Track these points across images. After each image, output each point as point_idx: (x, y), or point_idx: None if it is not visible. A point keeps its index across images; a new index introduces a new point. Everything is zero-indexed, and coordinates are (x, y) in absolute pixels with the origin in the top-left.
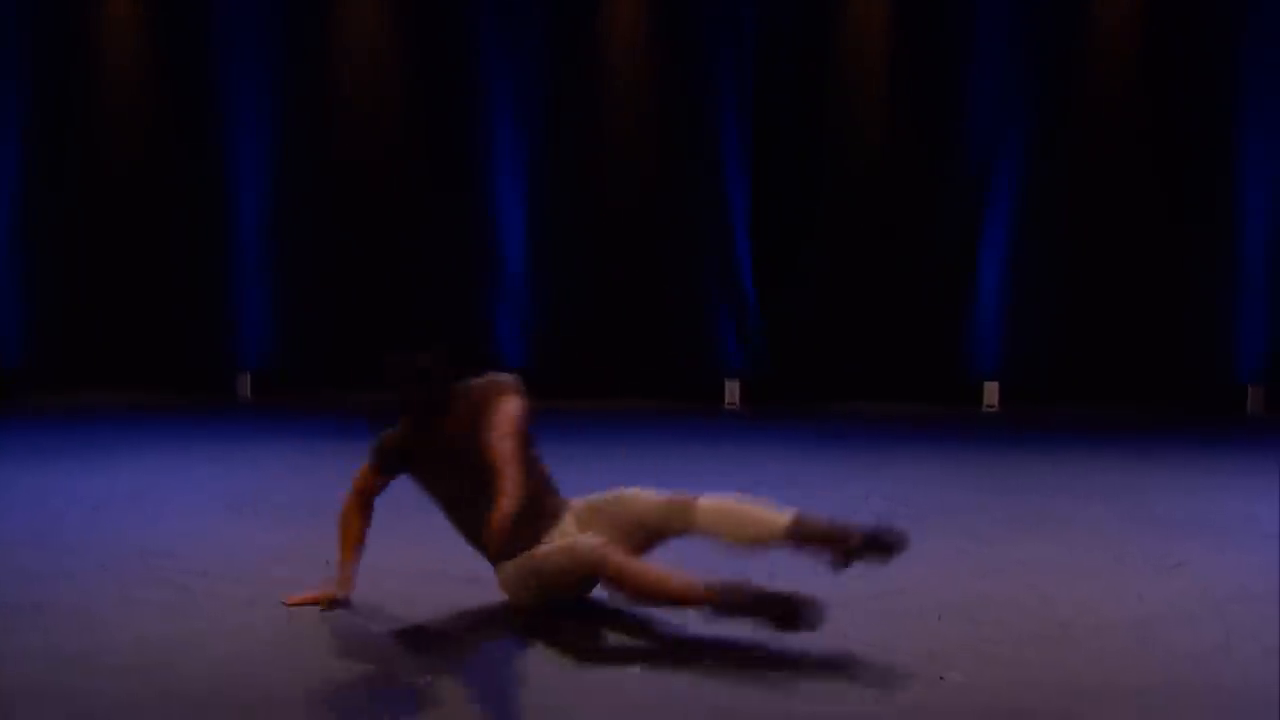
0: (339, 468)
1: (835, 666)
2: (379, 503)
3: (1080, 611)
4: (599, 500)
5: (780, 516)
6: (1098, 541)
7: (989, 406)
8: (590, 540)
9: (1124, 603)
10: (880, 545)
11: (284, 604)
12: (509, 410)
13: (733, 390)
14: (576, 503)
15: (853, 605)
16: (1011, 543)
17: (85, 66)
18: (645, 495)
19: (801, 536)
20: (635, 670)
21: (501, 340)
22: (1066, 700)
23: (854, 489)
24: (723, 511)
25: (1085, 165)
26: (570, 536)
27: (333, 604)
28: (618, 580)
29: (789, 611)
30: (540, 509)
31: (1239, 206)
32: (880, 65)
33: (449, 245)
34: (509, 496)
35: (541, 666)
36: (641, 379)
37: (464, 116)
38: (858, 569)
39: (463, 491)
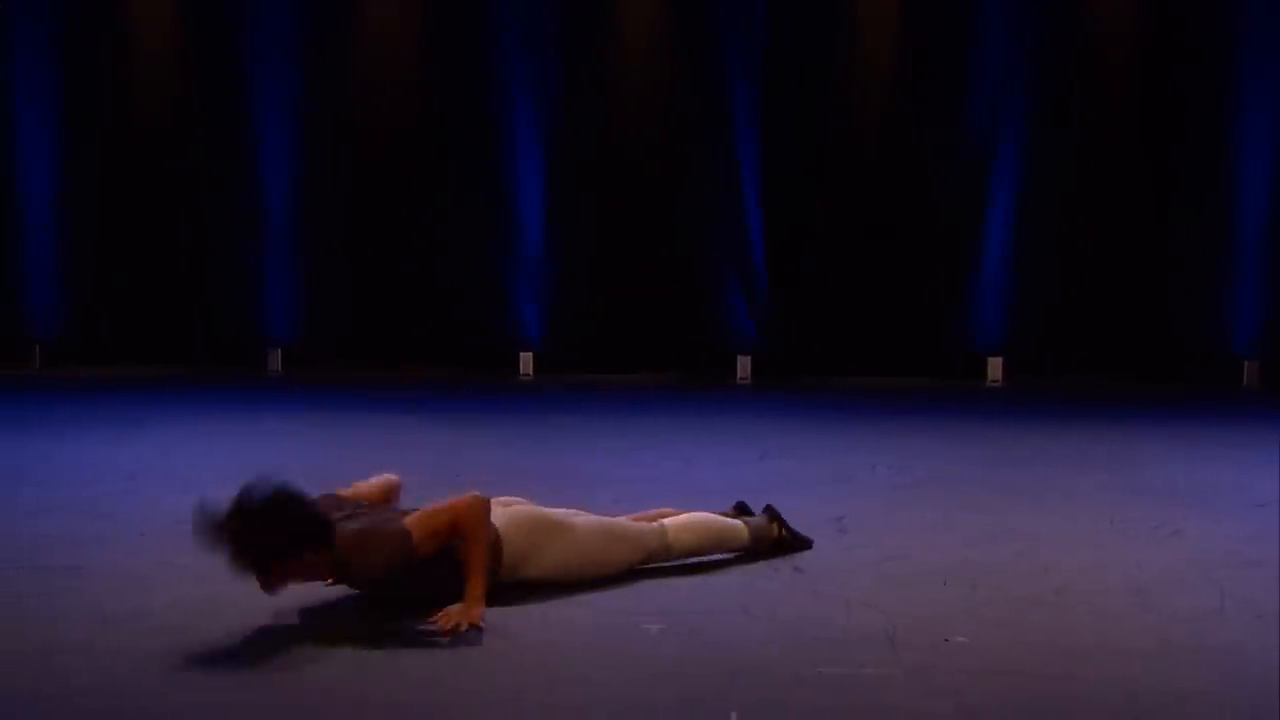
0: (365, 439)
1: (843, 629)
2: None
3: (1078, 577)
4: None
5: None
6: (1096, 510)
7: (993, 381)
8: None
9: (1121, 569)
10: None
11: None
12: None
13: (744, 365)
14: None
15: (859, 571)
16: (1012, 512)
17: (118, 48)
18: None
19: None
20: (651, 632)
21: (520, 315)
22: (1066, 662)
23: (859, 460)
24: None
25: (1086, 142)
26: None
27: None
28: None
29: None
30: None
31: (1236, 182)
32: (888, 44)
33: (470, 222)
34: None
35: (557, 630)
36: (654, 354)
37: (484, 96)
38: (859, 539)
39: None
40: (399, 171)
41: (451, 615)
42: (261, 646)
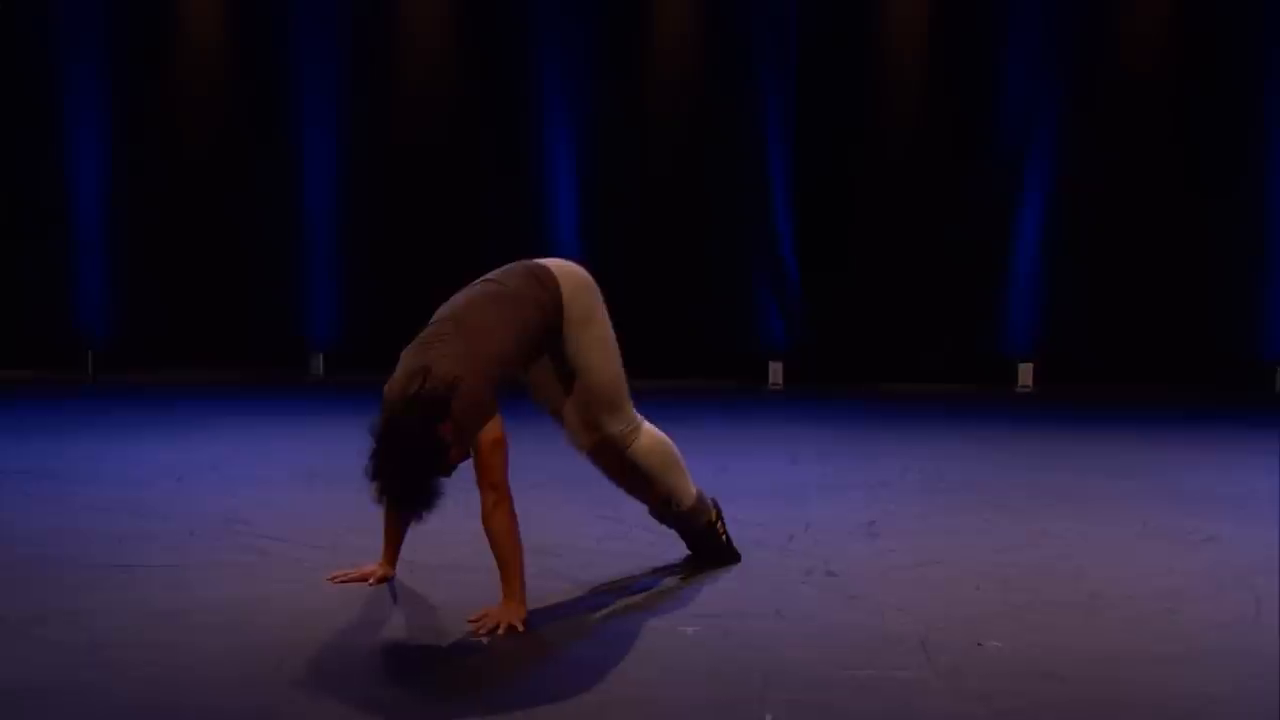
0: None
1: (876, 633)
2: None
3: (1111, 582)
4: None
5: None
6: (1128, 516)
7: (1023, 387)
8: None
9: (1154, 574)
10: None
11: (330, 580)
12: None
13: (776, 371)
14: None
15: (891, 575)
16: (1044, 517)
17: (166, 60)
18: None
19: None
20: (687, 633)
21: None
22: (1100, 667)
23: (891, 464)
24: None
25: (1118, 148)
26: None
27: (379, 580)
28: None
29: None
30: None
31: (1269, 189)
32: (919, 48)
33: (505, 230)
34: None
35: (595, 628)
36: (687, 359)
37: (519, 103)
38: (891, 543)
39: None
40: (436, 180)
41: (491, 616)
42: (308, 646)
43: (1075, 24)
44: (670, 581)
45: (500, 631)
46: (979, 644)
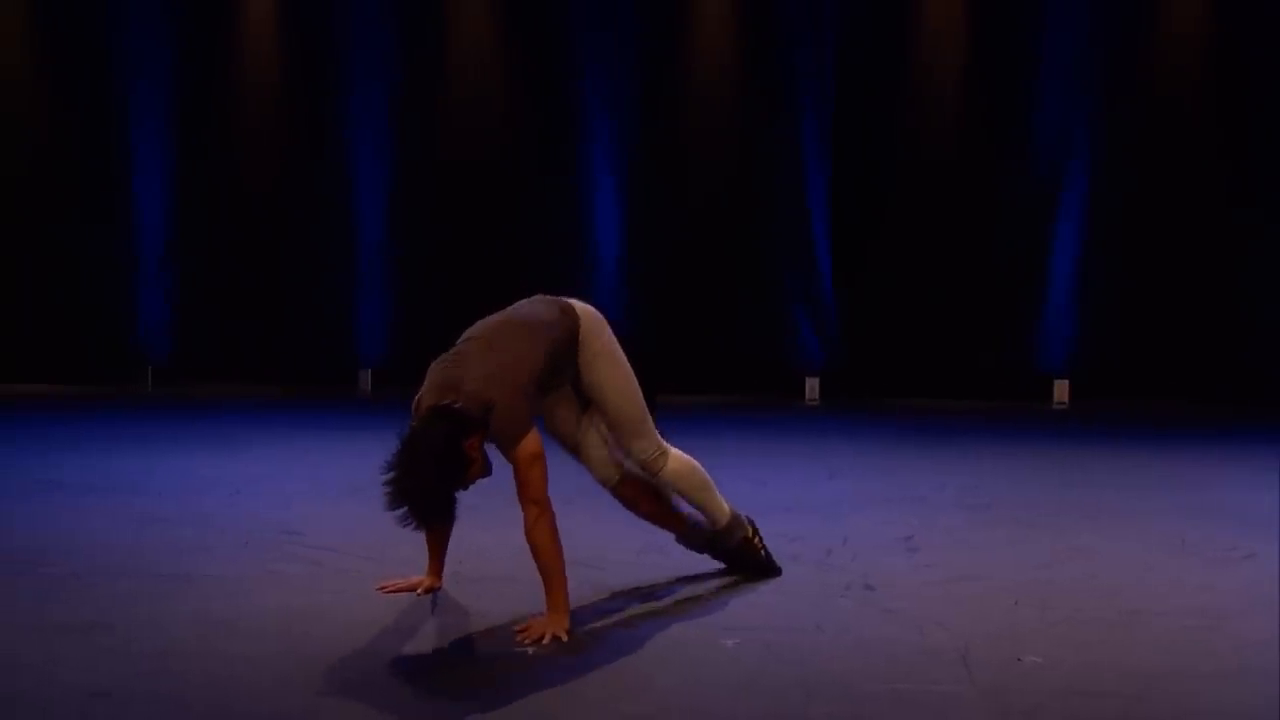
0: None
1: (915, 647)
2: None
3: (1150, 599)
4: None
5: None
6: (1166, 532)
7: (1059, 403)
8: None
9: (1193, 592)
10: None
11: (379, 590)
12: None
13: (813, 387)
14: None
15: (929, 590)
16: (1082, 533)
17: (224, 89)
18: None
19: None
20: (728, 646)
21: None
22: (1139, 683)
23: (928, 480)
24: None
25: (1156, 164)
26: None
27: (426, 590)
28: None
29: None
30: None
31: None
32: (955, 63)
33: (549, 248)
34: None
35: (637, 643)
36: (726, 376)
37: (564, 125)
38: (929, 558)
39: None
40: (483, 200)
41: (536, 627)
42: (359, 654)
43: (1110, 41)
44: (709, 594)
45: (545, 641)
46: (1018, 659)
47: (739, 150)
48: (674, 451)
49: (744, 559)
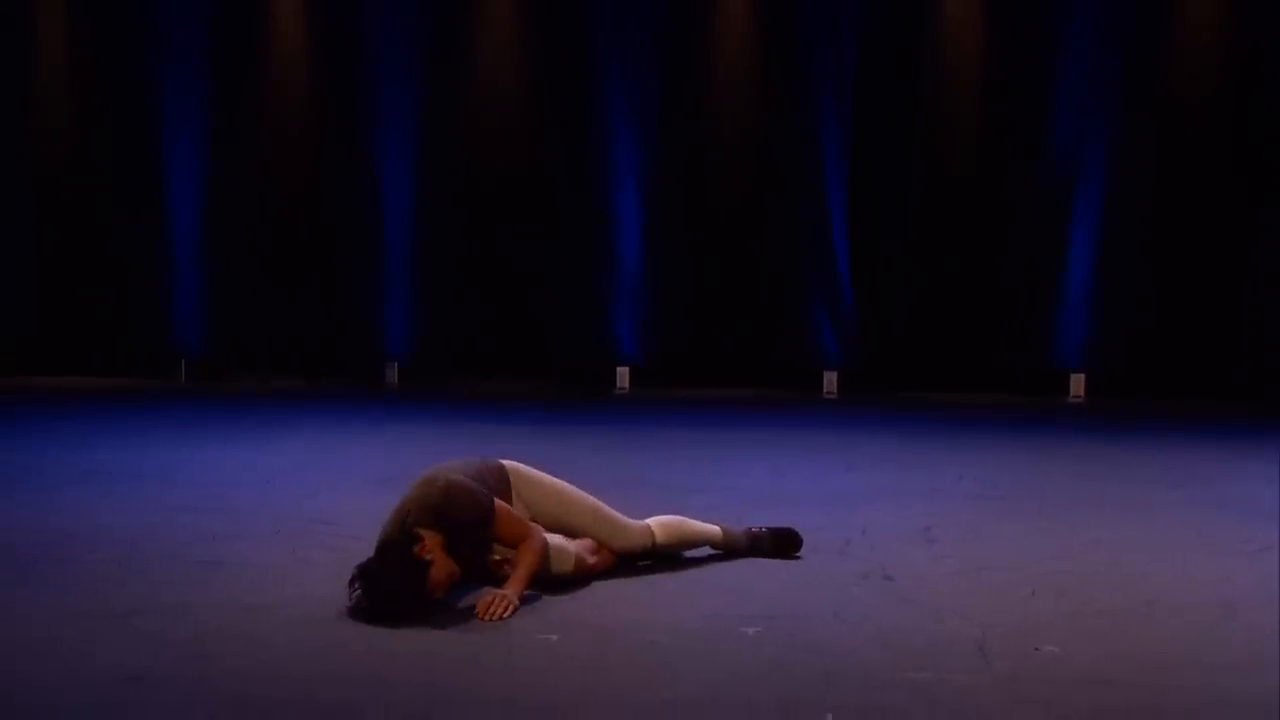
0: (476, 447)
1: (933, 636)
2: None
3: (1166, 590)
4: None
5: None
6: (1182, 525)
7: (1075, 397)
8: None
9: (1210, 583)
10: (784, 545)
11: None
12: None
13: (831, 381)
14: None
15: (947, 580)
16: (1097, 524)
17: (256, 89)
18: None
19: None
20: (749, 634)
21: (618, 331)
22: (1156, 673)
23: (945, 472)
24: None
25: (1172, 161)
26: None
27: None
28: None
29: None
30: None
31: None
32: (973, 64)
33: (573, 247)
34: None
35: (659, 631)
36: (746, 370)
37: (588, 123)
38: (947, 549)
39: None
40: (508, 197)
41: (488, 597)
42: (387, 641)
43: (1128, 42)
44: (730, 583)
45: (496, 609)
46: (1035, 649)
47: (759, 151)
48: (651, 522)
49: (756, 551)
